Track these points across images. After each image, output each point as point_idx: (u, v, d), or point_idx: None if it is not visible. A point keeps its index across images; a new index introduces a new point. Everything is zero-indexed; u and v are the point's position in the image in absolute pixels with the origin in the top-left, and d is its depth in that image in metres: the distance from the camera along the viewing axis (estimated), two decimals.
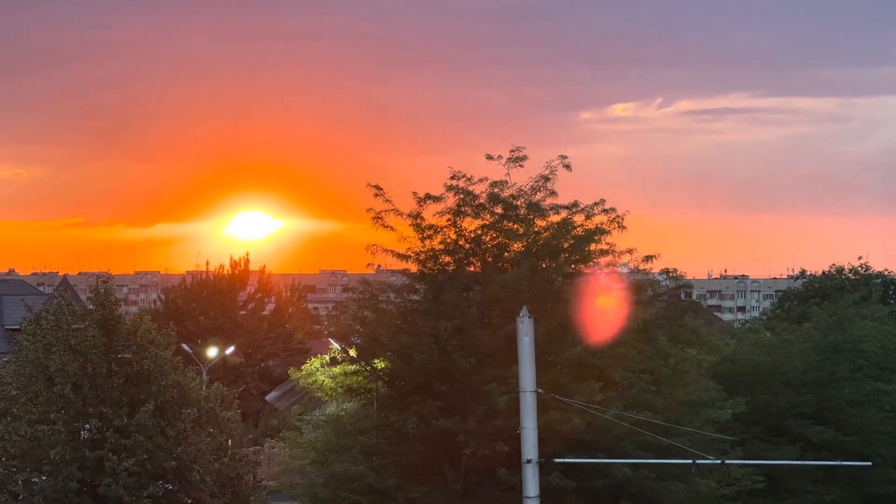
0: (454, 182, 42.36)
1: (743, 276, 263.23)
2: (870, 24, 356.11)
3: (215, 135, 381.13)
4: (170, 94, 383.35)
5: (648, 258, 44.71)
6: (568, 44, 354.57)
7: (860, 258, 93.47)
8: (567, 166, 42.67)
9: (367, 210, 42.16)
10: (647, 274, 46.11)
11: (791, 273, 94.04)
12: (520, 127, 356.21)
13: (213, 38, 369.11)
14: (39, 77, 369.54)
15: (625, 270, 45.10)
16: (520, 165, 42.70)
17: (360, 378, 44.50)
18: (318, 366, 57.54)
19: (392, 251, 42.76)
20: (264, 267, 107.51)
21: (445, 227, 42.78)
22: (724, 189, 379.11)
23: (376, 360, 43.47)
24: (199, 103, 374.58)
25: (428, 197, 42.36)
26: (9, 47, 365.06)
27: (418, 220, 42.46)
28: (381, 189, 42.21)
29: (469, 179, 42.45)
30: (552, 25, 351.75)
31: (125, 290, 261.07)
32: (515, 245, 42.98)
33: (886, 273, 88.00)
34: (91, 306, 38.59)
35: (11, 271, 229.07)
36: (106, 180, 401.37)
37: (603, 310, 43.14)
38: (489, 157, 42.80)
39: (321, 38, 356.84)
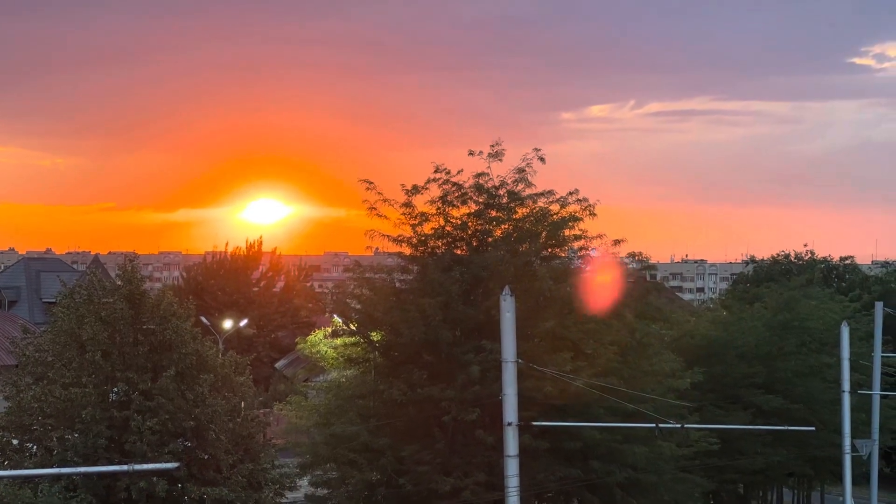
0: (437, 175, 42.51)
1: (702, 260, 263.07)
2: (821, 34, 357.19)
3: (233, 129, 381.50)
4: (193, 93, 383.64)
5: (616, 242, 44.71)
6: (550, 51, 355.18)
7: (805, 245, 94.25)
8: (542, 158, 42.47)
9: (363, 201, 42.33)
10: (616, 257, 46.30)
11: (745, 258, 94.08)
12: (506, 126, 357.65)
13: (232, 43, 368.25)
14: (75, 76, 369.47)
15: (595, 253, 45.29)
16: (499, 160, 42.72)
17: (358, 349, 44.67)
18: (321, 337, 57.65)
19: (388, 236, 42.77)
20: (275, 249, 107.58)
21: (434, 214, 42.98)
22: (688, 183, 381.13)
23: (372, 333, 43.70)
24: (219, 101, 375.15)
25: (414, 188, 42.53)
26: (47, 49, 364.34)
27: (409, 209, 42.70)
28: (373, 183, 42.13)
29: (448, 173, 42.49)
30: (537, 34, 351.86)
31: (150, 268, 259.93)
32: (497, 230, 43.11)
33: (829, 259, 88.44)
34: (119, 282, 38.69)
35: (48, 251, 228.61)
36: (135, 169, 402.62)
37: (575, 288, 43.55)
38: (471, 153, 42.82)
39: (330, 43, 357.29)
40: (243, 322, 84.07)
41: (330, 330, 51.26)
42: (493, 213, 42.96)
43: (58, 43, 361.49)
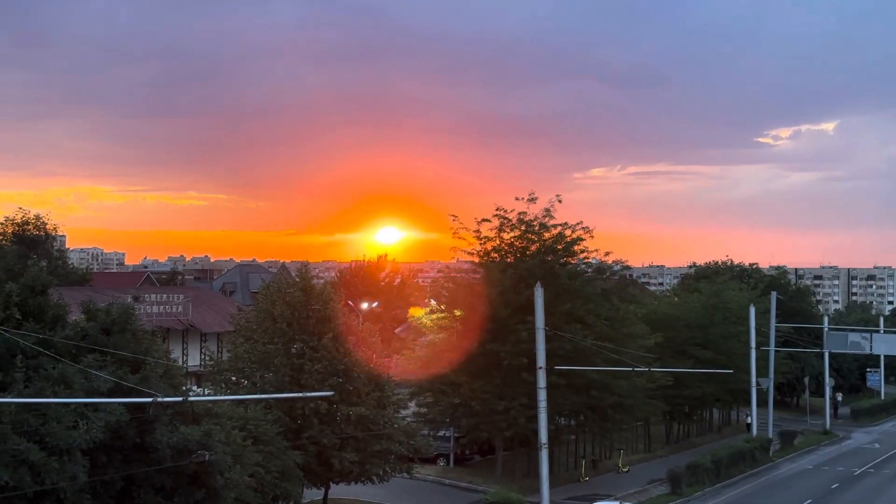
0: (497, 212, 42.93)
1: (662, 265, 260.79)
2: (738, 122, 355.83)
3: (368, 180, 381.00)
4: (342, 163, 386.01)
5: (607, 253, 44.99)
6: (567, 137, 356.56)
7: (727, 255, 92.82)
8: (560, 201, 43.36)
9: (450, 228, 42.82)
10: (607, 262, 46.04)
11: (689, 264, 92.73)
12: (541, 181, 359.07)
13: (364, 124, 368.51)
14: (263, 154, 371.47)
15: (594, 260, 45.08)
16: (534, 203, 43.04)
17: (446, 320, 44.48)
18: (423, 313, 57.22)
19: (465, 250, 43.35)
20: (395, 259, 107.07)
21: (494, 237, 43.03)
22: (654, 215, 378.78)
23: (455, 310, 43.48)
24: (359, 164, 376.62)
25: (483, 220, 42.88)
26: (249, 142, 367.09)
27: (478, 233, 42.86)
28: (456, 216, 42.95)
29: (504, 210, 42.95)
30: (562, 127, 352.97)
31: (316, 270, 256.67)
32: (533, 247, 43.08)
33: (742, 264, 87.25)
34: (297, 279, 38.46)
35: (254, 260, 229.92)
36: (308, 208, 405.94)
37: (582, 283, 43.18)
38: (517, 199, 43.25)
39: (433, 132, 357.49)
40: (374, 304, 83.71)
41: (429, 308, 50.94)
42: (530, 237, 43.08)
43: (245, 137, 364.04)
